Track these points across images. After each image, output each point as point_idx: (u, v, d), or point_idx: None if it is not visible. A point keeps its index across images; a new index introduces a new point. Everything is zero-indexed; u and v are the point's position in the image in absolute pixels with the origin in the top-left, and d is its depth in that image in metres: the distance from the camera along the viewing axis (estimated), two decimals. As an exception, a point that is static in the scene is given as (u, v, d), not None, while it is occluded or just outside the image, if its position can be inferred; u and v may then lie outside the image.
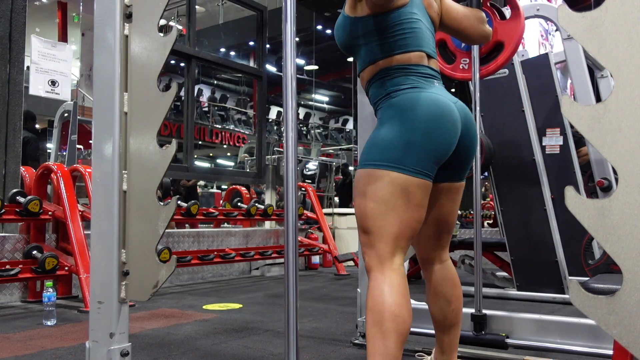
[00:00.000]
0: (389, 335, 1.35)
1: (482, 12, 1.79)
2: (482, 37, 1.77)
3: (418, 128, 1.45)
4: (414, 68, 1.54)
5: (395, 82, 1.53)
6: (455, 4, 1.75)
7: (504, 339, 2.09)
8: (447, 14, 1.71)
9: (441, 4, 1.70)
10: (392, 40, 1.53)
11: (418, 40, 1.55)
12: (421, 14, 1.59)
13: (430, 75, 1.56)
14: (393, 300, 1.38)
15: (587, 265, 3.77)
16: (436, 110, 1.47)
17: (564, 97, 1.02)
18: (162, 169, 1.47)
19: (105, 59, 1.52)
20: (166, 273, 1.45)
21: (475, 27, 1.73)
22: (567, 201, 0.99)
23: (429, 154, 1.45)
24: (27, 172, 4.29)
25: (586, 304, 0.97)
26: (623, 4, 0.96)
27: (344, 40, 1.62)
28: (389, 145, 1.45)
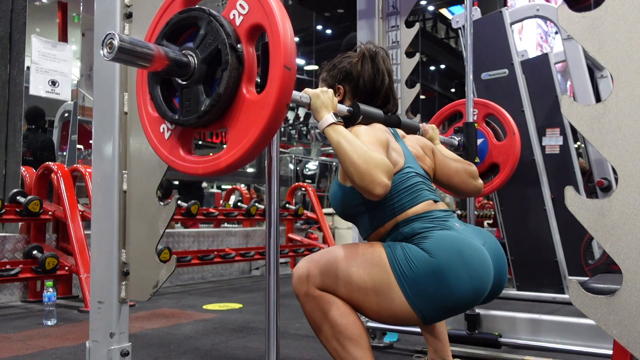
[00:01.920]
0: (347, 344, 1.34)
1: (474, 165, 1.80)
2: (473, 192, 1.77)
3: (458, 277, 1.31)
4: (425, 215, 1.43)
5: (413, 228, 1.40)
6: (447, 155, 1.74)
7: (496, 338, 2.11)
8: (440, 170, 1.69)
9: (434, 158, 1.68)
10: (395, 201, 1.44)
11: (420, 192, 1.47)
12: (416, 167, 1.53)
13: (445, 215, 1.45)
14: (335, 313, 1.35)
15: (587, 265, 3.77)
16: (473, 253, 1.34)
17: (564, 97, 1.02)
18: (162, 169, 1.47)
19: (106, 59, 1.52)
20: (166, 273, 1.45)
21: (466, 182, 1.73)
22: (567, 201, 0.99)
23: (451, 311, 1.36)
24: (27, 172, 4.29)
25: (586, 304, 0.97)
26: (623, 4, 0.96)
27: (343, 209, 1.53)
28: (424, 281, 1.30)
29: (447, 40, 18.68)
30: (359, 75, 1.56)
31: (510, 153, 2.28)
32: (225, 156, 1.10)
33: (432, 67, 18.96)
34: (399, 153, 1.49)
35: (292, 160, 11.34)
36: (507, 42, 3.69)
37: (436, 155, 1.69)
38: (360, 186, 1.26)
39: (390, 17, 2.54)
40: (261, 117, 1.05)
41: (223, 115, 1.12)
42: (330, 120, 1.35)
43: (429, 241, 1.34)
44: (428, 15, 17.12)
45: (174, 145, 1.20)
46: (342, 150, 1.29)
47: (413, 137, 1.70)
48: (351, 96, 1.58)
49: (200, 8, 1.16)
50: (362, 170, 1.25)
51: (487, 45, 3.77)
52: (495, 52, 3.73)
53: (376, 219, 1.46)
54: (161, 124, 1.23)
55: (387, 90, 1.59)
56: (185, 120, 1.14)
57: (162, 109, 1.18)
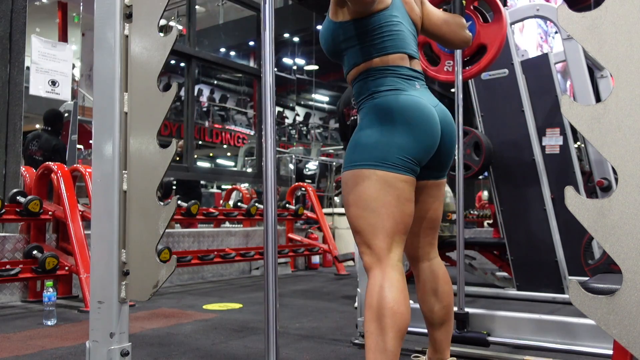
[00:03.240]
0: (388, 331, 1.37)
1: (463, 18, 1.82)
2: (462, 42, 1.79)
3: (402, 129, 1.48)
4: (394, 69, 1.56)
5: (376, 84, 1.56)
6: (436, 9, 1.77)
7: (485, 337, 2.12)
8: (428, 19, 1.73)
9: (422, 8, 1.72)
10: (373, 43, 1.56)
11: (399, 42, 1.57)
12: (402, 16, 1.61)
13: (412, 77, 1.58)
14: (392, 297, 1.39)
15: (587, 265, 3.77)
16: (417, 114, 1.50)
17: (563, 97, 1.02)
18: (162, 169, 1.47)
19: (105, 59, 1.52)
20: (166, 273, 1.45)
21: (455, 32, 1.76)
22: (567, 201, 0.99)
23: (411, 154, 1.49)
24: (27, 172, 4.29)
25: (586, 304, 0.97)
26: (623, 4, 0.96)
27: (329, 45, 1.65)
28: (373, 146, 1.49)
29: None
30: None
31: (497, 32, 2.28)
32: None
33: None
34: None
35: (292, 160, 11.34)
36: (507, 42, 3.69)
37: (425, 5, 1.73)
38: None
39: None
40: None
41: None
42: None
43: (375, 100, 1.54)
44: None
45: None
46: None
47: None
48: None
49: None
50: None
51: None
52: (495, 52, 3.73)
53: (356, 57, 1.59)
54: None
55: None
56: None
57: None
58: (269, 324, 1.27)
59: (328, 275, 5.51)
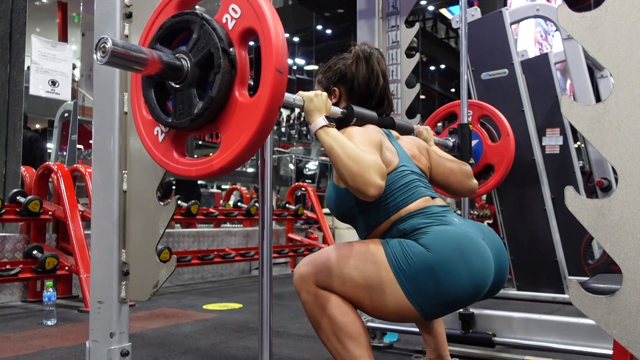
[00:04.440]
0: (348, 342, 1.34)
1: (469, 165, 1.80)
2: (468, 191, 1.77)
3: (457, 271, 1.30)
4: (423, 211, 1.42)
5: (411, 225, 1.39)
6: (442, 158, 1.73)
7: (490, 337, 2.11)
8: (435, 170, 1.70)
9: (429, 159, 1.69)
10: (391, 199, 1.44)
11: (416, 189, 1.47)
12: (411, 166, 1.53)
13: (443, 210, 1.45)
14: (335, 311, 1.35)
15: (587, 265, 3.77)
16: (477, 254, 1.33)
17: (563, 97, 1.02)
18: (162, 169, 1.47)
19: (106, 59, 1.52)
20: (166, 273, 1.45)
21: (461, 182, 1.73)
22: (567, 201, 0.99)
23: (451, 307, 1.35)
24: (27, 172, 4.29)
25: (586, 304, 0.97)
26: (623, 4, 0.96)
27: (338, 210, 1.53)
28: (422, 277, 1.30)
29: (447, 40, 18.68)
30: (354, 76, 1.56)
31: (505, 154, 2.28)
32: (218, 159, 1.11)
33: (432, 67, 18.96)
34: (393, 153, 1.50)
35: (292, 160, 11.34)
36: (507, 42, 3.69)
37: (431, 155, 1.70)
38: (354, 188, 1.26)
39: (390, 17, 2.54)
40: (253, 120, 1.06)
41: (216, 118, 1.12)
42: (322, 123, 1.36)
43: (427, 236, 1.34)
44: (428, 15, 17.12)
45: (168, 148, 1.20)
46: (334, 153, 1.29)
47: (408, 138, 1.71)
48: (346, 98, 1.58)
49: (193, 12, 1.16)
50: (355, 172, 1.24)
51: (487, 45, 3.77)
52: (495, 52, 3.74)
53: (372, 219, 1.47)
54: (155, 126, 1.23)
55: (381, 91, 1.59)
56: (179, 123, 1.14)
57: (156, 112, 1.19)
58: (264, 324, 1.27)
59: (328, 275, 5.51)
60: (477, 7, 3.95)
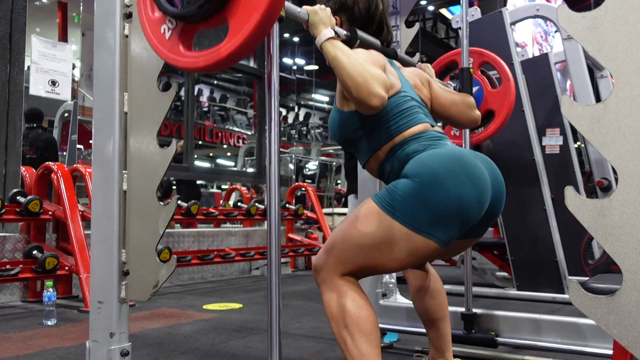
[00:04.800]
0: (357, 337, 1.35)
1: (472, 96, 1.79)
2: (471, 122, 1.77)
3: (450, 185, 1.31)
4: (421, 135, 1.45)
5: (407, 151, 1.42)
6: (444, 91, 1.74)
7: (493, 338, 2.11)
8: (436, 101, 1.70)
9: (430, 90, 1.69)
10: (391, 124, 1.46)
11: (416, 115, 1.49)
12: (413, 94, 1.55)
13: (440, 136, 1.47)
14: (351, 304, 1.36)
15: (587, 265, 3.77)
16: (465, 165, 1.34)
17: (564, 97, 1.02)
18: (162, 169, 1.47)
19: (105, 59, 1.52)
20: (166, 273, 1.45)
21: (463, 113, 1.73)
22: (567, 201, 0.99)
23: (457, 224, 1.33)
24: (27, 172, 4.29)
25: (586, 304, 0.97)
26: (623, 4, 0.96)
27: (341, 135, 1.54)
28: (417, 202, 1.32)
29: (447, 40, 18.68)
30: (354, 3, 1.58)
31: (505, 99, 2.28)
32: (225, 45, 1.11)
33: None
34: (396, 77, 1.51)
35: (292, 160, 11.34)
36: (507, 42, 3.69)
37: (432, 87, 1.71)
38: (357, 98, 1.28)
39: (390, 17, 2.54)
40: (261, 3, 1.05)
41: (223, 7, 1.12)
42: (328, 34, 1.37)
43: (411, 164, 1.36)
44: (428, 15, 17.12)
45: (175, 43, 1.21)
46: (339, 63, 1.31)
47: (410, 68, 1.71)
48: (347, 27, 1.59)
49: None
50: (359, 81, 1.27)
51: (487, 45, 3.76)
52: (495, 52, 3.72)
53: (374, 142, 1.48)
54: (162, 24, 1.23)
55: (380, 16, 1.61)
56: (187, 12, 1.14)
57: (163, 5, 1.19)
58: (272, 323, 1.26)
59: (328, 275, 5.51)
60: (477, 7, 3.95)
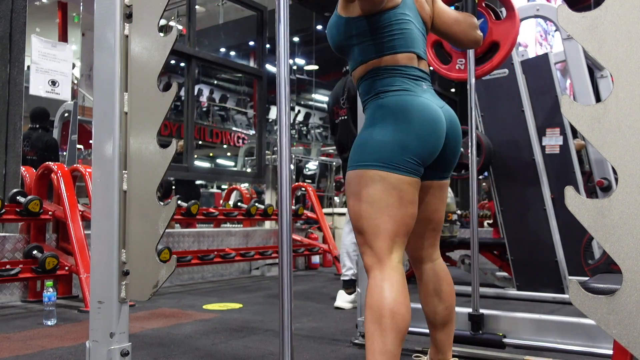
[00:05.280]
0: (388, 333, 1.36)
1: (475, 17, 1.79)
2: (473, 42, 1.77)
3: (409, 130, 1.48)
4: (402, 69, 1.56)
5: (384, 83, 1.55)
6: (448, 8, 1.75)
7: (501, 339, 2.09)
8: (439, 18, 1.71)
9: (433, 6, 1.70)
10: (382, 40, 1.55)
11: (408, 41, 1.57)
12: (413, 15, 1.59)
13: (419, 77, 1.58)
14: (392, 298, 1.39)
15: (587, 265, 3.77)
16: (425, 115, 1.50)
17: (563, 97, 1.02)
18: (162, 169, 1.47)
19: (105, 59, 1.52)
20: (166, 273, 1.45)
21: (465, 32, 1.73)
22: (567, 201, 0.99)
23: (416, 155, 1.49)
24: (27, 172, 4.29)
25: (586, 304, 0.97)
26: (623, 4, 0.96)
27: (336, 39, 1.64)
28: (378, 146, 1.48)
29: (447, 40, 18.67)
30: None
31: (510, 30, 2.27)
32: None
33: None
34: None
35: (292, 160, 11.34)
36: (507, 42, 3.69)
37: (436, 3, 1.71)
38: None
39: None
40: None
41: None
42: None
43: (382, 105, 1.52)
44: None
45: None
46: None
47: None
48: None
49: None
50: None
51: (487, 45, 3.77)
52: (495, 52, 3.73)
53: (363, 54, 1.57)
54: None
55: None
56: None
57: None
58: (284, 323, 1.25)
59: (328, 275, 5.51)
60: (477, 7, 3.94)
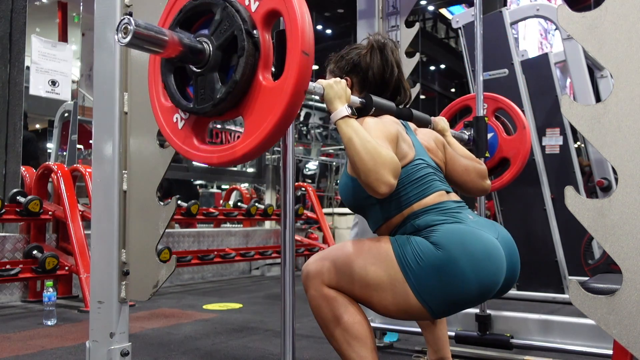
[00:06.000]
0: (353, 343, 1.34)
1: (483, 164, 1.77)
2: (481, 191, 1.76)
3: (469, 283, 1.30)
4: (437, 206, 1.42)
5: (425, 221, 1.38)
6: (458, 155, 1.71)
7: (508, 339, 2.08)
8: (450, 166, 1.68)
9: (445, 153, 1.68)
10: (406, 192, 1.43)
11: (431, 183, 1.46)
12: (428, 159, 1.53)
13: (458, 207, 1.44)
14: (343, 310, 1.35)
15: (587, 265, 3.77)
16: (485, 250, 1.32)
17: (563, 97, 1.02)
18: (162, 169, 1.47)
19: (105, 59, 1.52)
20: (166, 273, 1.45)
21: (474, 182, 1.71)
22: (567, 201, 0.99)
23: (458, 307, 1.35)
24: (27, 172, 4.29)
25: (586, 304, 0.97)
26: (623, 4, 0.96)
27: (354, 201, 1.51)
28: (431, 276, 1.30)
29: (447, 40, 18.68)
30: (368, 67, 1.55)
31: (521, 147, 2.26)
32: (241, 145, 1.08)
33: (432, 67, 18.96)
34: (409, 145, 1.49)
35: (292, 161, 11.31)
36: (507, 42, 3.69)
37: (447, 151, 1.69)
38: (366, 183, 1.26)
39: (390, 17, 2.54)
40: (279, 104, 1.03)
41: (239, 103, 1.09)
42: (344, 112, 1.33)
43: (437, 234, 1.32)
44: (428, 15, 17.12)
45: (188, 135, 1.18)
46: (353, 146, 1.28)
47: (425, 130, 1.70)
48: (359, 88, 1.57)
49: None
50: (369, 167, 1.24)
51: (487, 45, 3.75)
52: (496, 52, 3.73)
53: (387, 211, 1.45)
54: (174, 113, 1.20)
55: (396, 81, 1.58)
56: (201, 109, 1.11)
57: (176, 98, 1.16)
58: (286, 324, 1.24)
59: (328, 275, 5.51)
60: (477, 7, 3.94)
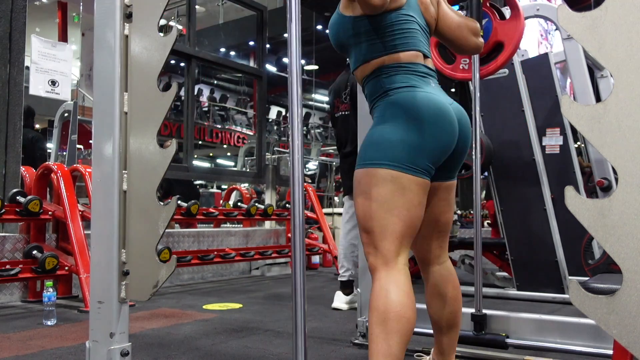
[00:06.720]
0: (393, 336, 1.34)
1: (478, 22, 1.79)
2: (474, 48, 1.77)
3: (421, 129, 1.45)
4: (409, 66, 1.54)
5: (392, 80, 1.53)
6: (452, 12, 1.73)
7: (504, 339, 2.09)
8: (442, 21, 1.70)
9: (438, 9, 1.70)
10: (387, 39, 1.53)
11: (412, 40, 1.55)
12: (417, 15, 1.59)
13: (426, 74, 1.56)
14: (398, 300, 1.37)
15: (587, 265, 3.77)
16: (437, 112, 1.47)
17: (563, 97, 1.02)
18: (162, 169, 1.47)
19: (105, 59, 1.52)
20: (166, 273, 1.45)
21: (467, 38, 1.73)
22: (567, 201, 0.99)
23: (429, 155, 1.47)
24: (27, 172, 4.29)
25: (586, 304, 0.97)
26: (623, 4, 0.96)
27: (338, 38, 1.62)
28: (392, 145, 1.45)
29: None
30: None
31: (514, 30, 2.27)
32: None
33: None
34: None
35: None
36: (507, 42, 3.69)
37: (441, 6, 1.71)
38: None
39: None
40: None
41: None
42: None
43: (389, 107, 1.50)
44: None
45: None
46: None
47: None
48: None
49: None
50: None
51: (487, 45, 3.77)
52: (495, 52, 3.73)
53: (365, 53, 1.56)
54: None
55: None
56: None
57: None
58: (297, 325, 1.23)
59: (328, 275, 5.51)
60: (477, 7, 3.94)
